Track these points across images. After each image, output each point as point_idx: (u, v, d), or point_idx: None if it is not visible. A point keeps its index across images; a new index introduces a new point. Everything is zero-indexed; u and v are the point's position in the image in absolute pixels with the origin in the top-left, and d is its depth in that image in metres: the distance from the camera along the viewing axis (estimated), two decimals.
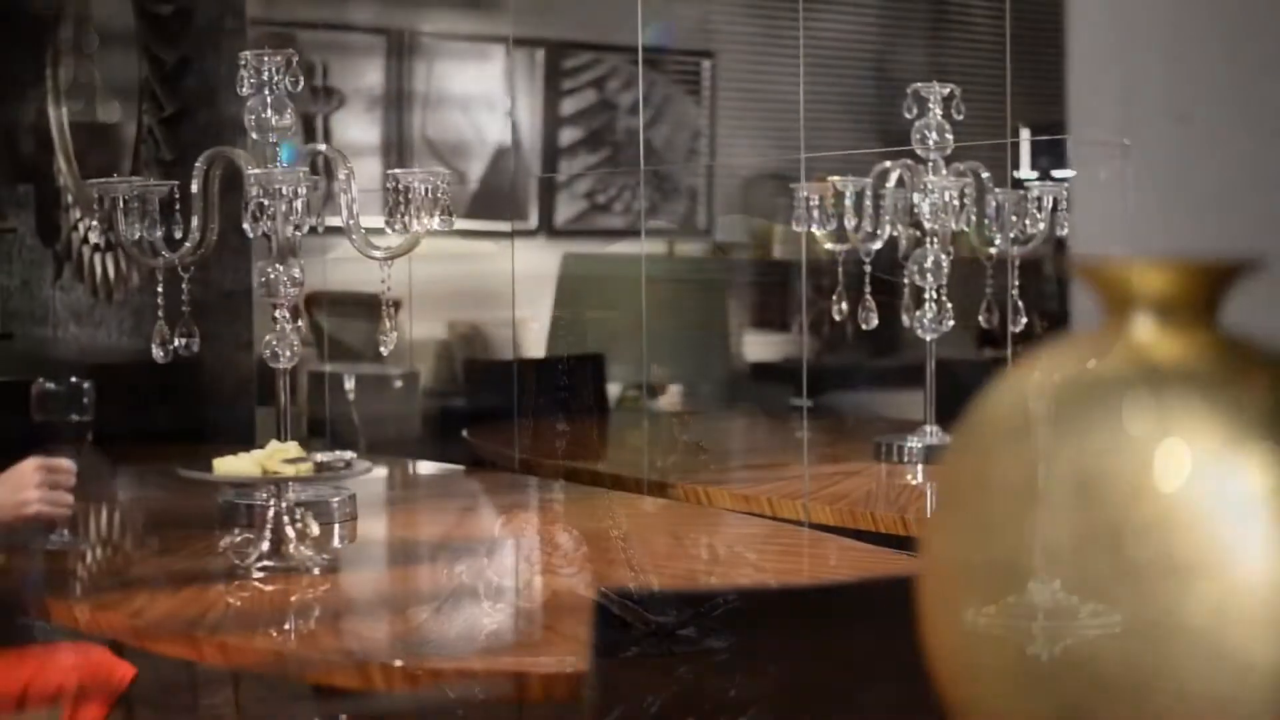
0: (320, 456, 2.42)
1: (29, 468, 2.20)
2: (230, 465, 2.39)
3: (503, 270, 4.74)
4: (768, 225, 4.91)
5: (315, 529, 2.42)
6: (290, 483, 2.40)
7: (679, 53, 4.79)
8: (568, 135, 5.27)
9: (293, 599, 2.25)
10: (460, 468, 3.91)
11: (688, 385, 5.08)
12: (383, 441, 4.96)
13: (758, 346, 5.28)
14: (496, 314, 5.00)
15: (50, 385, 2.63)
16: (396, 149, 5.46)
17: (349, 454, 2.45)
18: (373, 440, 4.93)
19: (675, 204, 5.05)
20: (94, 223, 2.78)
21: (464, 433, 4.41)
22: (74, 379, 2.68)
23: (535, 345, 5.09)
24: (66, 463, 2.25)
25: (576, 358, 4.74)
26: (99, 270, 5.87)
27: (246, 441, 5.01)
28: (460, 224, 2.81)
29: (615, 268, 5.13)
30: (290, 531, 2.37)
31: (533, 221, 5.15)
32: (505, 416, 4.60)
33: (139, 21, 5.50)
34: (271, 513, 2.38)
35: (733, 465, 3.88)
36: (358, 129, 5.55)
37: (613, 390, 4.92)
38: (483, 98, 5.37)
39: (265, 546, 2.37)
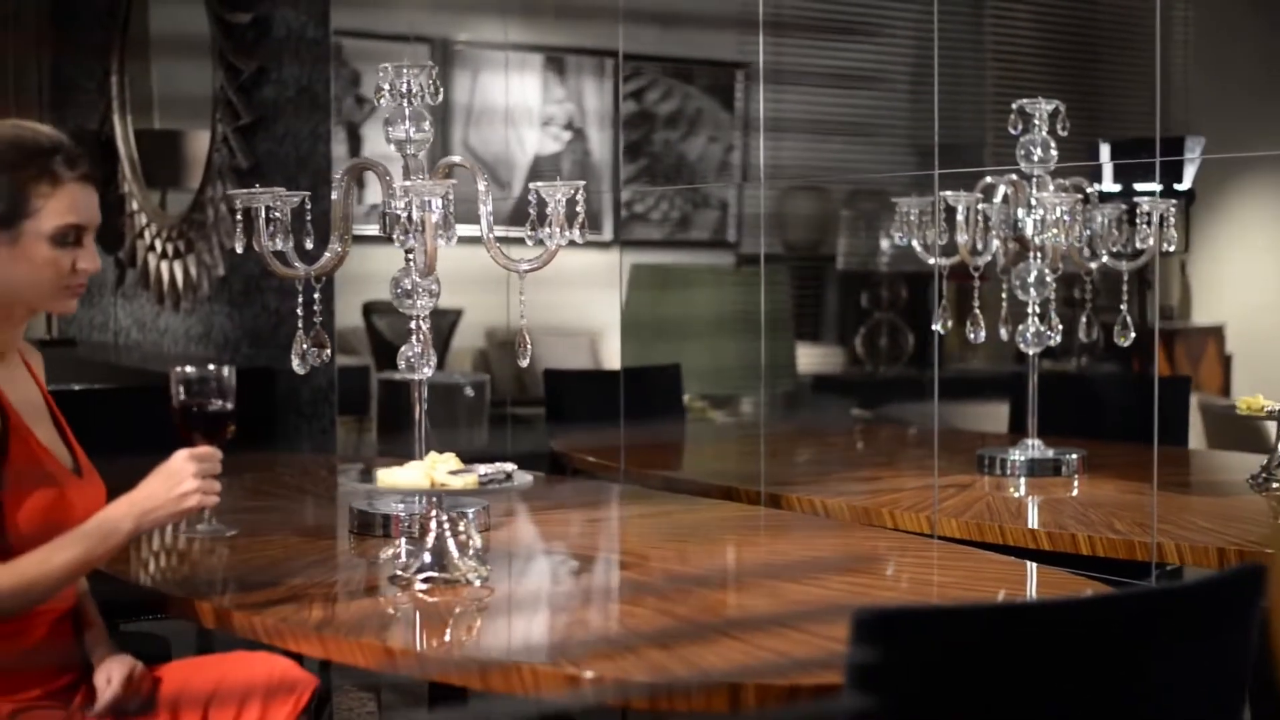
0: (482, 468, 2.43)
1: (181, 460, 2.19)
2: (395, 476, 2.40)
3: (565, 281, 4.74)
4: (833, 237, 4.92)
5: (478, 540, 2.43)
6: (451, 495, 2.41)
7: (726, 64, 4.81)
8: (632, 148, 5.27)
9: (459, 610, 2.26)
10: (540, 475, 3.92)
11: (752, 396, 5.09)
12: (455, 450, 4.96)
13: (816, 358, 5.30)
14: (568, 323, 5.01)
15: (191, 370, 2.64)
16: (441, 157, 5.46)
17: (509, 465, 2.45)
18: (445, 448, 4.93)
19: (729, 216, 5.06)
20: (239, 233, 2.77)
21: (551, 442, 4.42)
22: (212, 365, 2.69)
23: (609, 355, 5.10)
24: (213, 450, 2.25)
25: (654, 368, 4.75)
26: (166, 278, 5.88)
27: (327, 450, 5.03)
28: (509, 233, 2.81)
29: (682, 279, 5.14)
30: (452, 543, 2.38)
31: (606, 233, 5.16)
32: (584, 424, 4.61)
33: (215, 30, 5.50)
34: (434, 524, 2.39)
35: (835, 477, 3.88)
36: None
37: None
38: (525, 109, 5.36)
39: (428, 558, 2.38)
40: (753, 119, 4.80)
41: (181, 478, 2.17)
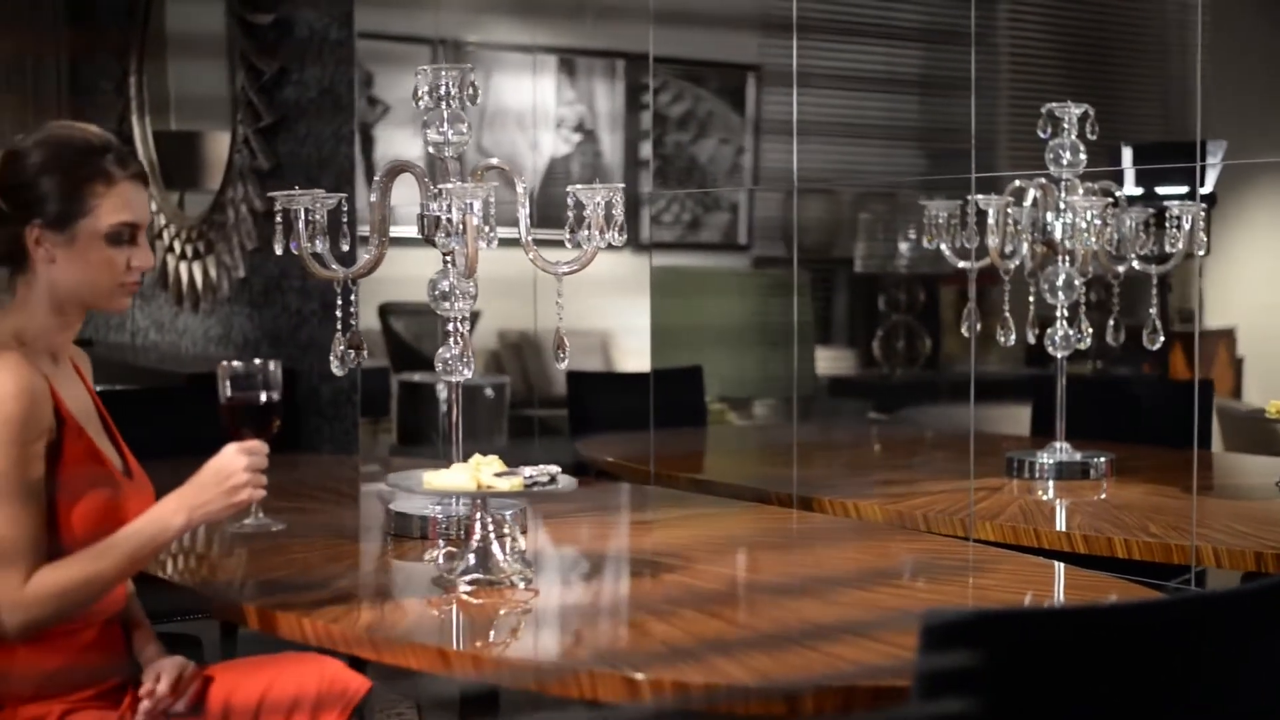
0: (527, 470, 2.43)
1: (231, 453, 2.18)
2: (442, 479, 2.40)
3: (577, 283, 4.74)
4: (843, 240, 4.93)
5: (522, 542, 2.43)
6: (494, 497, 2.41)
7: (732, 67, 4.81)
8: (648, 149, 5.27)
9: (505, 612, 2.26)
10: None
11: (770, 399, 5.09)
12: (476, 451, 4.94)
13: (827, 361, 5.29)
14: (578, 325, 4.99)
15: (238, 365, 2.63)
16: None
17: (554, 468, 2.45)
18: (468, 450, 4.92)
19: (744, 219, 5.06)
20: (277, 235, 2.77)
21: (577, 445, 4.42)
22: (258, 360, 2.68)
23: (620, 357, 5.10)
24: (261, 444, 2.24)
25: (677, 370, 4.76)
26: (185, 279, 5.88)
27: (347, 451, 5.02)
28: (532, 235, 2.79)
29: (697, 282, 5.14)
30: (497, 545, 2.38)
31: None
32: (606, 426, 4.62)
33: (237, 31, 5.49)
34: (479, 526, 2.39)
35: (861, 480, 3.89)
36: (403, 140, 5.51)
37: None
38: (536, 111, 5.35)
39: (472, 559, 2.38)
40: (764, 122, 4.81)
41: (232, 471, 2.17)
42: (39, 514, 2.11)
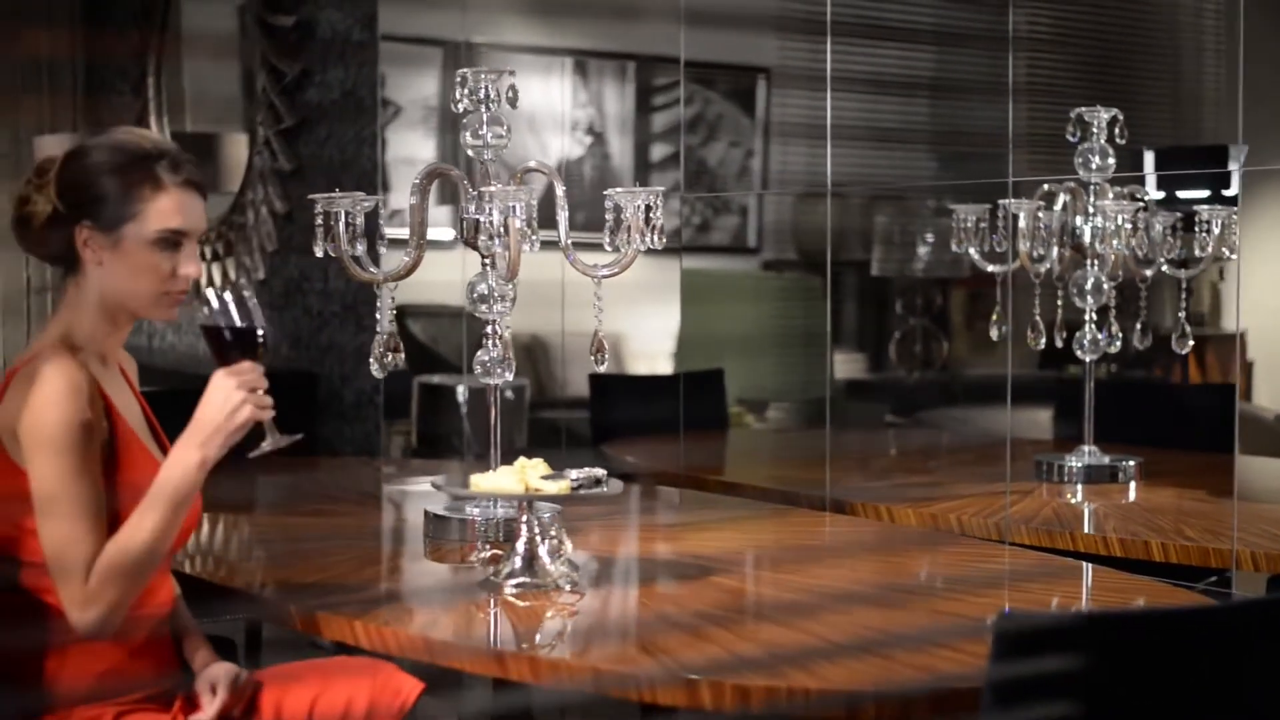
0: (573, 474, 2.43)
1: (220, 377, 2.15)
2: (490, 481, 2.40)
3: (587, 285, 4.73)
4: (850, 243, 4.93)
5: (569, 546, 2.43)
6: (539, 501, 2.42)
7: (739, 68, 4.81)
8: (657, 151, 5.27)
9: (553, 614, 2.26)
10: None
11: (786, 402, 5.09)
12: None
13: (849, 364, 5.29)
14: (585, 326, 4.98)
15: (211, 297, 2.53)
16: (452, 161, 5.44)
17: (600, 471, 2.45)
18: (484, 452, 4.91)
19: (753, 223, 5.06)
20: (318, 237, 2.76)
21: (604, 447, 4.42)
22: (227, 294, 2.58)
23: (630, 359, 5.10)
24: (250, 364, 2.19)
25: (699, 373, 4.76)
26: (203, 281, 5.87)
27: (369, 454, 5.02)
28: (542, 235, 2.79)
29: (712, 285, 5.14)
30: (544, 548, 2.38)
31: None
32: (628, 428, 4.62)
33: (258, 32, 5.50)
34: (524, 529, 2.39)
35: (888, 483, 3.89)
36: (414, 142, 5.50)
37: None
38: (548, 113, 5.35)
39: (518, 562, 2.38)
40: (774, 124, 4.80)
41: (227, 393, 2.13)
42: (98, 514, 2.10)
